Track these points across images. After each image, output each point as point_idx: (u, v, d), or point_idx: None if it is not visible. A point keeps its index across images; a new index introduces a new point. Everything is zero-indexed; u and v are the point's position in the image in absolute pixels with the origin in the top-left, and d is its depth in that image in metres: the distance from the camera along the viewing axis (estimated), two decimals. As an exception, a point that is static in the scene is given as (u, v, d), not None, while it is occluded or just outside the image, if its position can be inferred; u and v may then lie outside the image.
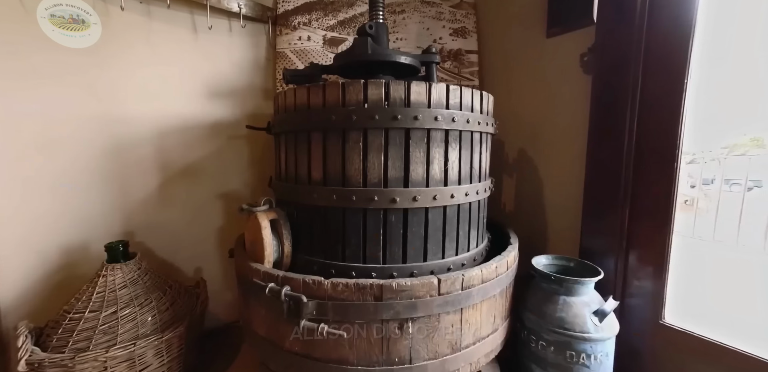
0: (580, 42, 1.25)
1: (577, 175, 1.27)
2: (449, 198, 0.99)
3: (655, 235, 1.06)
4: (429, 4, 1.64)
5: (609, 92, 1.13)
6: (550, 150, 1.39)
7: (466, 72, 1.61)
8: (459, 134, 1.01)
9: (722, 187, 2.22)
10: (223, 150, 1.54)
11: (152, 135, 1.36)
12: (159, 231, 1.40)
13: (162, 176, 1.40)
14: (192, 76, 1.43)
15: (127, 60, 1.27)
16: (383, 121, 0.92)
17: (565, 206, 1.34)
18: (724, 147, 1.60)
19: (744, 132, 1.47)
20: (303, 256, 1.05)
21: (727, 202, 2.05)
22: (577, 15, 1.24)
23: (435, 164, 0.97)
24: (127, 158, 1.31)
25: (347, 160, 0.95)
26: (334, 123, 0.94)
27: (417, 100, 0.93)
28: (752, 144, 1.61)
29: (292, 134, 1.05)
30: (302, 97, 1.01)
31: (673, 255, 1.04)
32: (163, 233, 1.41)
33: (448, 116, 0.96)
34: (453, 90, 0.98)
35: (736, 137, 1.54)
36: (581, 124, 1.26)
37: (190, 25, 1.40)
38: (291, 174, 1.07)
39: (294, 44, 1.57)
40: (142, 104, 1.32)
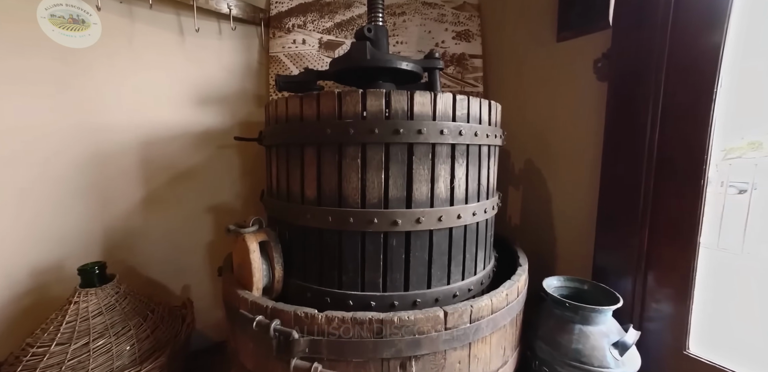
0: (593, 47, 1.17)
1: (590, 188, 1.19)
2: (455, 219, 0.91)
3: (678, 257, 0.97)
4: (430, 6, 1.56)
5: (626, 101, 1.05)
6: (560, 161, 1.31)
7: (469, 77, 1.53)
8: (466, 149, 0.92)
9: (727, 190, 2.15)
10: (212, 160, 1.45)
11: (136, 145, 1.27)
12: (143, 247, 1.31)
13: (147, 189, 1.31)
14: (179, 81, 1.34)
15: (106, 64, 1.18)
16: (383, 135, 0.83)
17: (576, 221, 1.26)
18: (722, 150, 1.53)
19: (742, 136, 1.40)
20: (295, 281, 0.96)
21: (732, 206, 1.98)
22: (591, 18, 1.16)
23: (440, 182, 0.89)
24: (108, 169, 1.22)
25: (344, 178, 0.86)
26: (330, 137, 0.85)
27: (421, 112, 0.85)
28: (748, 147, 1.55)
29: (283, 148, 0.97)
30: (294, 108, 0.92)
31: (699, 273, 0.96)
32: (148, 250, 1.32)
33: (455, 129, 0.87)
34: (460, 100, 0.89)
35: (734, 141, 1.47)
36: (594, 135, 1.17)
37: (176, 27, 1.31)
38: (283, 191, 0.98)
39: (288, 48, 1.48)
40: (124, 112, 1.23)
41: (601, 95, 1.14)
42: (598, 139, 1.16)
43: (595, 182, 1.17)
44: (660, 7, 0.97)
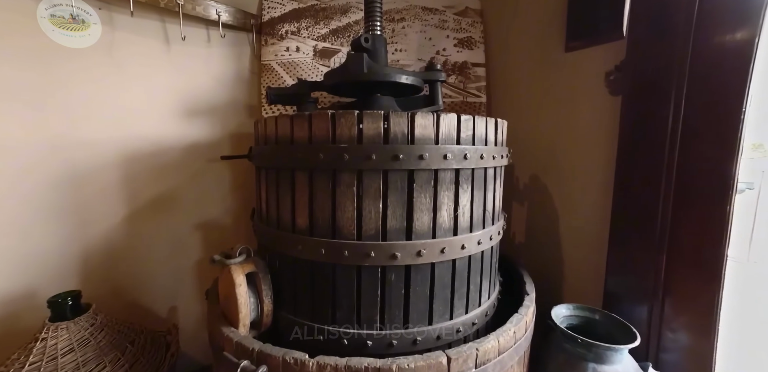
0: (605, 58, 1.10)
1: (601, 208, 1.12)
2: (459, 250, 0.84)
3: (701, 289, 0.90)
4: (431, 12, 1.48)
5: (642, 118, 0.98)
6: (568, 178, 1.24)
7: (472, 87, 1.45)
8: (471, 173, 0.85)
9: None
10: (201, 174, 1.37)
11: (118, 160, 1.19)
12: (126, 270, 1.23)
13: (130, 207, 1.23)
14: (164, 92, 1.26)
15: (82, 75, 1.09)
16: (381, 161, 0.75)
17: (586, 242, 1.19)
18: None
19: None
20: (286, 314, 0.89)
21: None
22: (603, 28, 1.08)
23: (443, 210, 0.81)
24: (86, 187, 1.14)
25: (338, 207, 0.79)
26: (323, 162, 0.78)
27: (422, 136, 0.77)
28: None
29: (273, 171, 0.89)
30: (285, 129, 0.84)
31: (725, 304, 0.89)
32: (131, 272, 1.24)
33: (460, 153, 0.80)
34: (465, 121, 0.81)
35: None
36: (606, 151, 1.10)
37: (161, 34, 1.23)
38: (272, 217, 0.91)
39: (281, 56, 1.40)
40: (105, 126, 1.15)
41: (614, 110, 1.07)
42: (609, 157, 1.09)
43: (606, 202, 1.10)
44: (681, 16, 0.89)
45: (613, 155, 1.07)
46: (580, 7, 1.13)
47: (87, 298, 1.04)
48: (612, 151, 1.07)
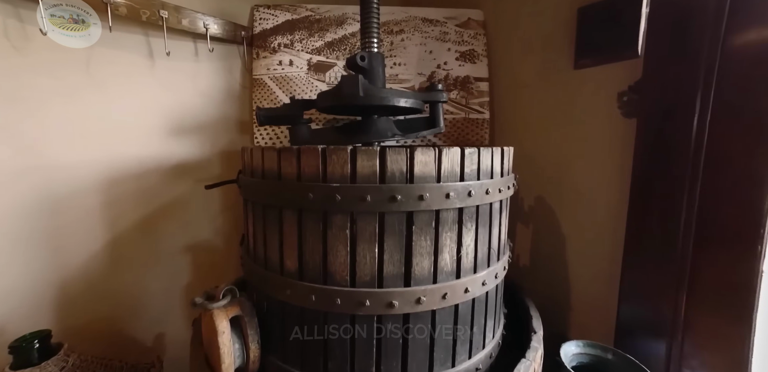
0: (618, 77, 1.02)
1: (612, 237, 1.05)
2: (462, 293, 0.77)
3: (728, 334, 0.84)
4: (432, 23, 1.40)
5: (660, 145, 0.91)
6: (576, 202, 1.17)
7: (474, 103, 1.38)
8: (476, 210, 0.78)
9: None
10: (190, 195, 1.30)
11: (99, 184, 1.12)
12: (108, 299, 1.17)
13: (112, 232, 1.16)
14: (149, 110, 1.18)
15: (58, 94, 1.02)
16: (377, 203, 0.69)
17: (595, 270, 1.12)
18: None
19: None
20: (275, 360, 0.82)
21: None
22: (616, 45, 1.01)
23: (445, 253, 0.75)
24: (63, 213, 1.06)
25: (330, 251, 0.72)
26: (313, 203, 0.71)
27: (423, 173, 0.70)
28: None
29: (260, 206, 0.82)
30: (271, 163, 0.77)
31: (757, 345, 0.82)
32: (113, 301, 1.18)
33: (464, 191, 0.73)
34: (469, 154, 0.74)
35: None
36: (618, 177, 1.03)
37: (144, 49, 1.15)
38: (260, 255, 0.84)
39: (273, 70, 1.33)
40: (84, 147, 1.08)
41: (627, 133, 1.00)
42: (622, 183, 1.02)
43: (618, 231, 1.03)
44: (706, 35, 0.82)
45: (626, 182, 1.00)
46: (591, 22, 1.06)
47: (62, 332, 0.97)
48: (625, 178, 1.01)
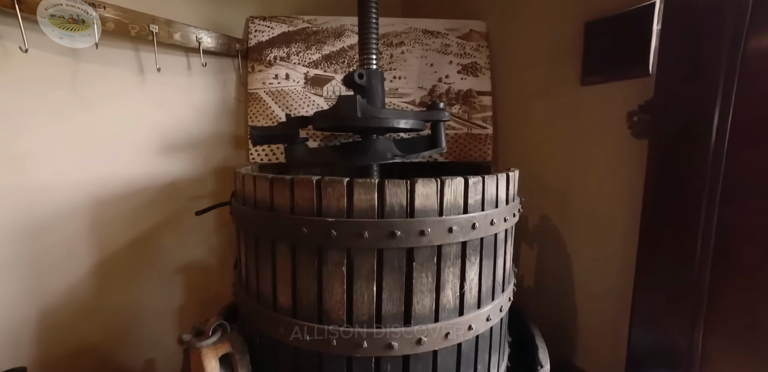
0: (628, 96, 0.98)
1: (621, 262, 1.00)
2: (466, 330, 0.73)
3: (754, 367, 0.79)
4: (432, 35, 1.36)
5: (674, 169, 0.86)
6: (583, 222, 1.12)
7: (477, 118, 1.34)
8: (480, 242, 0.74)
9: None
10: (182, 214, 1.26)
11: (86, 205, 1.07)
12: (94, 325, 1.12)
13: (99, 255, 1.11)
14: (139, 127, 1.14)
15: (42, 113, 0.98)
16: (375, 239, 0.64)
17: (604, 295, 1.07)
18: None
19: None
20: (267, 400, 0.78)
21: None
22: (625, 62, 0.97)
23: (448, 289, 0.70)
24: (46, 237, 1.02)
25: (325, 288, 0.68)
26: (307, 237, 0.66)
27: (424, 207, 0.66)
28: None
29: (252, 236, 0.78)
30: (264, 193, 0.73)
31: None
32: (100, 328, 1.13)
33: (467, 224, 0.69)
34: (473, 184, 0.70)
35: None
36: (627, 199, 0.99)
37: (134, 64, 1.11)
38: (252, 287, 0.80)
39: (269, 84, 1.29)
40: (70, 167, 1.03)
41: (637, 155, 0.96)
42: (632, 206, 0.97)
43: (628, 256, 0.98)
44: (724, 54, 0.77)
45: (636, 205, 0.95)
46: (598, 38, 1.02)
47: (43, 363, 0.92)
48: (635, 200, 0.96)
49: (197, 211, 0.99)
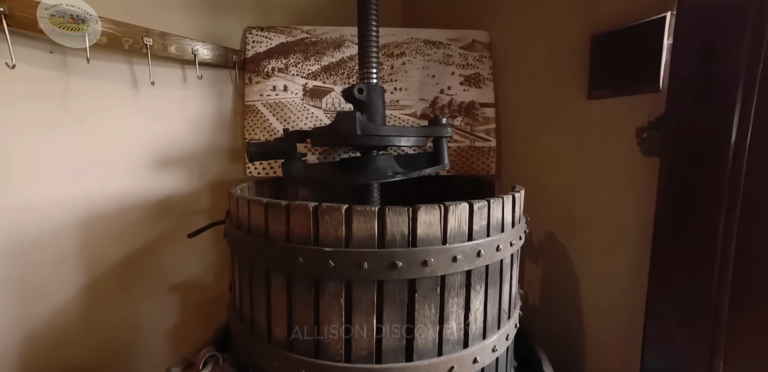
0: (637, 111, 0.94)
1: (630, 277, 0.97)
2: (471, 364, 0.69)
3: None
4: (434, 45, 1.33)
5: (689, 190, 0.82)
6: (590, 239, 1.08)
7: (480, 130, 1.30)
8: (485, 270, 0.70)
9: None
10: (177, 229, 1.22)
11: (75, 224, 1.04)
12: (83, 348, 1.08)
13: (90, 275, 1.08)
14: (132, 142, 1.11)
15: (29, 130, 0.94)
16: (375, 271, 0.61)
17: (613, 313, 1.03)
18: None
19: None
20: (262, 435, 0.74)
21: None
22: (634, 77, 0.93)
23: (452, 321, 0.67)
24: (33, 258, 0.98)
25: (322, 321, 0.64)
26: (303, 268, 0.63)
27: (426, 235, 0.62)
28: None
29: (246, 263, 0.74)
30: (258, 218, 0.69)
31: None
32: (89, 352, 1.09)
33: (472, 252, 0.65)
34: (478, 209, 0.67)
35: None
36: (637, 218, 0.95)
37: (127, 78, 1.08)
38: (246, 316, 0.76)
39: (267, 96, 1.26)
40: (59, 184, 1.00)
41: (647, 172, 0.92)
42: (642, 226, 0.94)
43: (638, 275, 0.94)
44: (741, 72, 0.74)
45: (645, 223, 0.92)
46: (606, 51, 0.98)
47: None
48: (644, 218, 0.92)
49: (189, 234, 0.95)
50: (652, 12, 0.84)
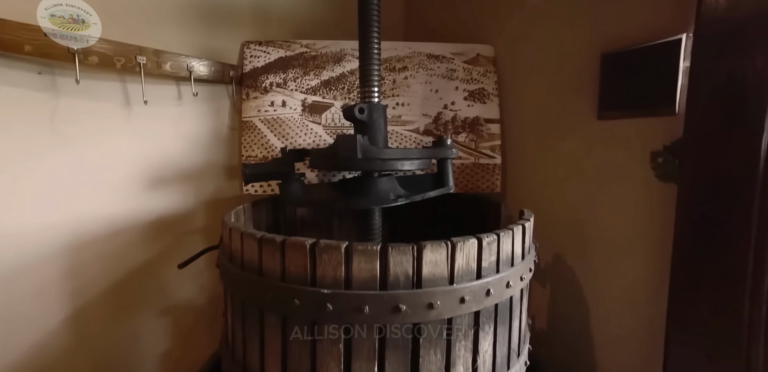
0: (650, 134, 0.90)
1: (645, 304, 0.92)
2: (479, 410, 0.64)
3: None
4: (437, 59, 1.29)
5: (711, 222, 0.77)
6: (601, 264, 1.04)
7: (485, 147, 1.26)
8: (494, 309, 0.65)
9: None
10: (171, 250, 1.18)
11: (59, 251, 0.98)
12: (73, 375, 1.03)
13: (74, 304, 1.02)
14: (123, 162, 1.06)
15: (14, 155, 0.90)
16: (377, 315, 0.56)
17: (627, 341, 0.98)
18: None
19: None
20: None
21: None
22: (648, 99, 0.89)
23: (459, 366, 0.62)
24: (11, 289, 0.92)
25: (319, 368, 0.60)
26: (299, 309, 0.58)
27: (432, 276, 0.58)
28: None
29: (238, 299, 0.70)
30: (252, 253, 0.65)
31: None
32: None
33: (481, 291, 0.61)
34: (488, 245, 0.62)
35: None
36: (652, 247, 0.91)
37: (120, 97, 1.04)
38: (238, 356, 0.71)
39: (265, 111, 1.22)
40: (42, 209, 0.95)
41: (663, 197, 0.88)
42: (654, 249, 0.89)
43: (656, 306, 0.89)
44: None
45: (661, 250, 0.87)
46: (617, 70, 0.94)
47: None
48: (661, 247, 0.88)
49: (180, 264, 0.90)
50: (666, 33, 0.81)
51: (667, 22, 0.81)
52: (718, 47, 0.72)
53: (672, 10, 0.81)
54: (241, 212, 0.95)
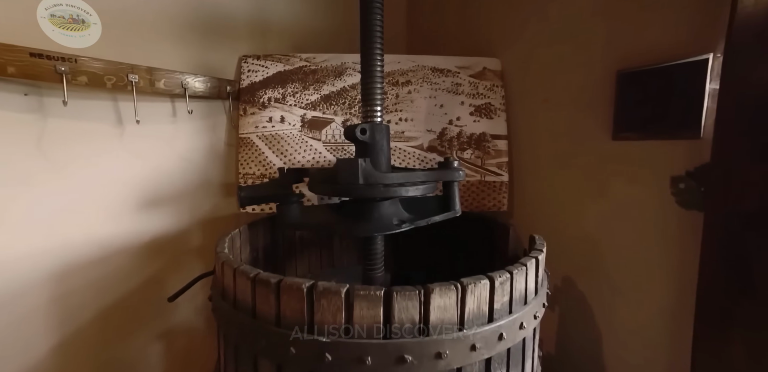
0: (671, 158, 0.85)
1: (662, 332, 0.88)
2: None
3: None
4: (442, 73, 1.25)
5: (745, 259, 0.72)
6: (614, 290, 0.99)
7: (491, 163, 1.21)
8: (507, 353, 0.60)
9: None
10: (165, 273, 1.13)
11: (46, 278, 0.94)
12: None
13: (63, 331, 0.97)
14: (115, 183, 1.02)
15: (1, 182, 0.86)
16: (380, 366, 0.51)
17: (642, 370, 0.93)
18: None
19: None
20: None
21: None
22: (669, 121, 0.84)
23: (469, 419, 0.56)
24: (0, 316, 0.88)
25: (317, 422, 0.54)
26: (295, 359, 0.53)
27: (440, 321, 0.53)
28: None
29: (231, 340, 0.65)
30: (244, 294, 0.60)
31: None
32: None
33: (493, 336, 0.56)
34: (500, 285, 0.57)
35: None
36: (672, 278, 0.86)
37: (111, 116, 1.00)
38: (231, 399, 0.66)
39: (263, 127, 1.18)
40: (28, 237, 0.90)
41: (684, 225, 0.83)
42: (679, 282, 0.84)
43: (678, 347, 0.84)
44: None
45: (685, 286, 0.82)
46: (634, 90, 0.90)
47: None
48: (683, 280, 0.82)
49: (170, 297, 0.86)
50: (690, 53, 0.76)
51: (690, 40, 0.77)
52: (752, 68, 0.67)
53: (695, 28, 0.77)
54: (237, 236, 0.90)
